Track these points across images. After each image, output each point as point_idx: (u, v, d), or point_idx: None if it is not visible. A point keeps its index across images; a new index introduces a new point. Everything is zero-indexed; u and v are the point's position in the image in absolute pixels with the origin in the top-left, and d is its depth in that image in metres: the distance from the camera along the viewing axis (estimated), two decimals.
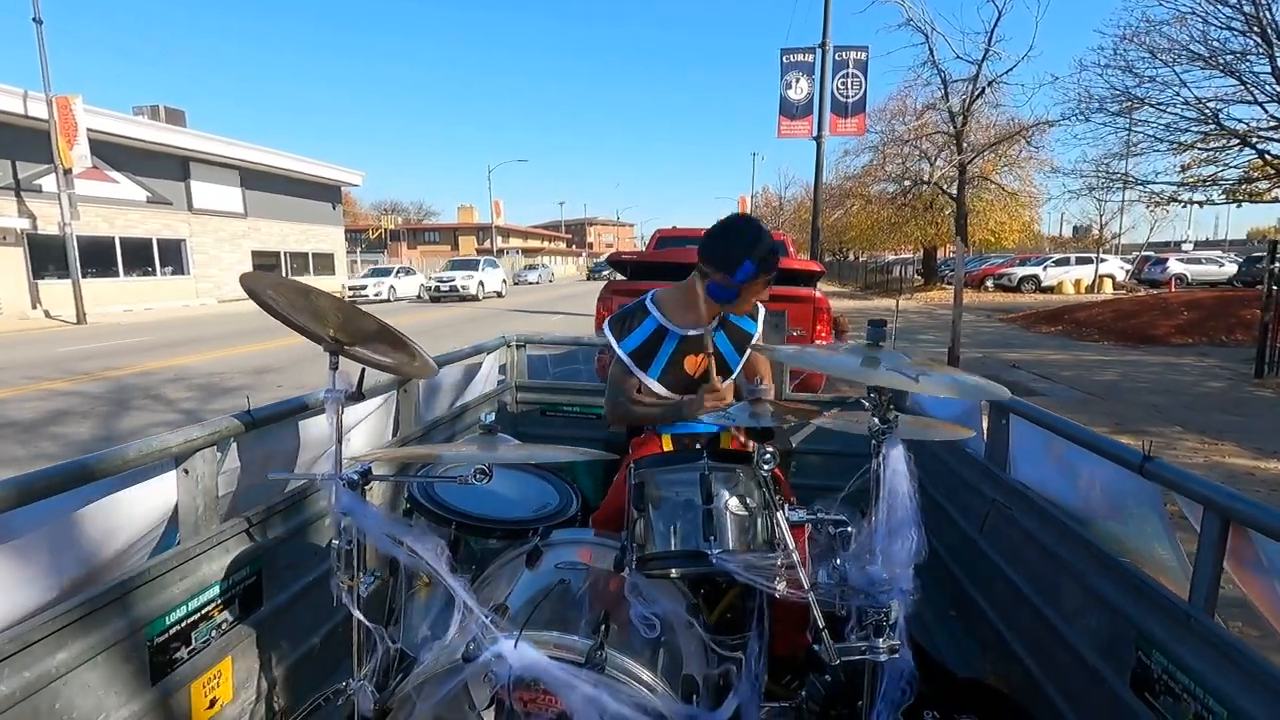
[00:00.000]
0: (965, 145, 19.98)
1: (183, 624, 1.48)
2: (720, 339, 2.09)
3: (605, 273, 38.66)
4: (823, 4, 14.04)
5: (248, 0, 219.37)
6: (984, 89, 18.15)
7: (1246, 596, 1.27)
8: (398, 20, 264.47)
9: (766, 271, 1.92)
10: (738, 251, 1.89)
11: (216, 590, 1.57)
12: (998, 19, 17.48)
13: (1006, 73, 17.85)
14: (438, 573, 1.29)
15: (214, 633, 1.57)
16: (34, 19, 16.05)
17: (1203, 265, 27.92)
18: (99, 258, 20.35)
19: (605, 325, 2.13)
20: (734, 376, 2.13)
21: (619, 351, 2.07)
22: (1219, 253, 33.15)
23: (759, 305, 2.19)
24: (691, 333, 2.06)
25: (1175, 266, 27.24)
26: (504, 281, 28.28)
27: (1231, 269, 27.28)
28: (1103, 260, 27.52)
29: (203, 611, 1.53)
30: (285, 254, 28.37)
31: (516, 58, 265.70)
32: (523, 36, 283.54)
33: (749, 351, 2.14)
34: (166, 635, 1.43)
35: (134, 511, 1.43)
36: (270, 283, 1.34)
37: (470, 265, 26.63)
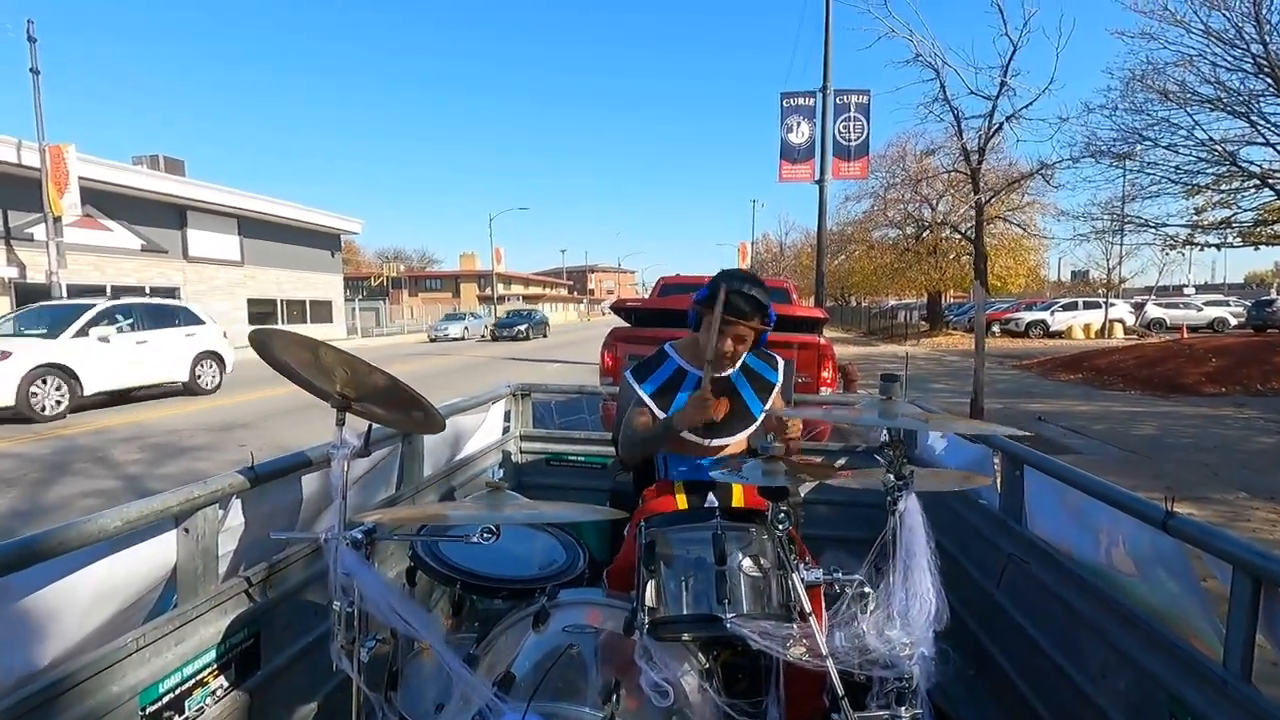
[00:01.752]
0: (981, 185, 19.55)
1: (176, 691, 1.43)
2: (742, 384, 2.15)
3: (520, 328, 30.28)
4: (823, 46, 13.90)
5: (255, 55, 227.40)
6: (1001, 124, 17.58)
7: None
8: (399, 71, 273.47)
9: (730, 309, 1.96)
10: (710, 282, 2.03)
11: (213, 654, 1.52)
12: (1013, 53, 17.14)
13: (1026, 107, 17.38)
14: (438, 651, 1.27)
15: (209, 700, 1.51)
16: (31, 69, 16.05)
17: (1180, 310, 27.57)
18: None
19: (627, 374, 2.18)
20: (758, 424, 2.16)
21: (640, 392, 2.12)
22: (1220, 296, 32.79)
23: (777, 356, 2.24)
24: (711, 375, 2.10)
25: (1153, 311, 27.00)
26: (217, 369, 11.77)
27: (1211, 313, 27.06)
28: (1111, 304, 27.02)
29: (198, 677, 1.48)
30: (282, 302, 28.07)
31: (519, 108, 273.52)
32: (525, 86, 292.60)
33: (770, 402, 2.17)
34: (159, 704, 1.38)
35: (131, 573, 1.40)
36: (277, 338, 1.34)
37: (109, 317, 10.06)
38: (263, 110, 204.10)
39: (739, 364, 2.15)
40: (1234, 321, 27.44)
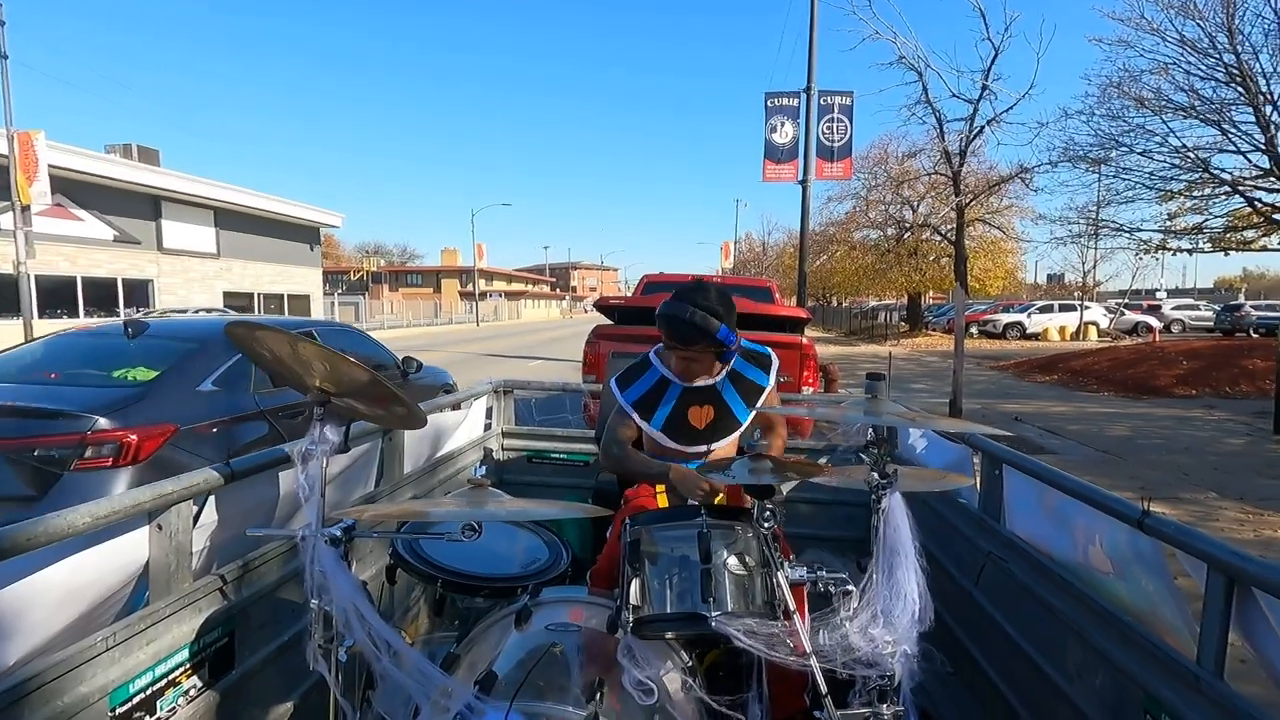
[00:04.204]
0: (962, 187, 19.78)
1: (148, 691, 1.40)
2: (728, 391, 2.10)
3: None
4: (808, 47, 13.96)
5: (236, 43, 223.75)
6: (983, 128, 17.75)
7: (1256, 657, 1.20)
8: (383, 63, 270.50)
9: (668, 334, 1.94)
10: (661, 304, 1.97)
11: (186, 653, 1.49)
12: (994, 57, 17.33)
13: (1007, 111, 17.61)
14: (409, 664, 1.25)
15: (181, 700, 1.48)
16: None
17: (1126, 316, 28.16)
18: (60, 298, 19.55)
19: (611, 382, 2.18)
20: (741, 431, 2.13)
21: (622, 402, 2.10)
22: (1190, 300, 33.30)
23: (772, 356, 2.18)
24: (694, 385, 2.08)
25: (1093, 314, 27.71)
26: None
27: (1133, 318, 27.70)
28: (1086, 307, 27.49)
29: (170, 677, 1.45)
30: (259, 295, 27.62)
31: (502, 102, 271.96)
32: (508, 81, 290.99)
33: (758, 406, 2.12)
34: (129, 704, 1.36)
35: (102, 571, 1.38)
36: (257, 332, 1.33)
37: None
38: (241, 100, 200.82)
39: (726, 372, 2.10)
40: (1158, 325, 27.32)
